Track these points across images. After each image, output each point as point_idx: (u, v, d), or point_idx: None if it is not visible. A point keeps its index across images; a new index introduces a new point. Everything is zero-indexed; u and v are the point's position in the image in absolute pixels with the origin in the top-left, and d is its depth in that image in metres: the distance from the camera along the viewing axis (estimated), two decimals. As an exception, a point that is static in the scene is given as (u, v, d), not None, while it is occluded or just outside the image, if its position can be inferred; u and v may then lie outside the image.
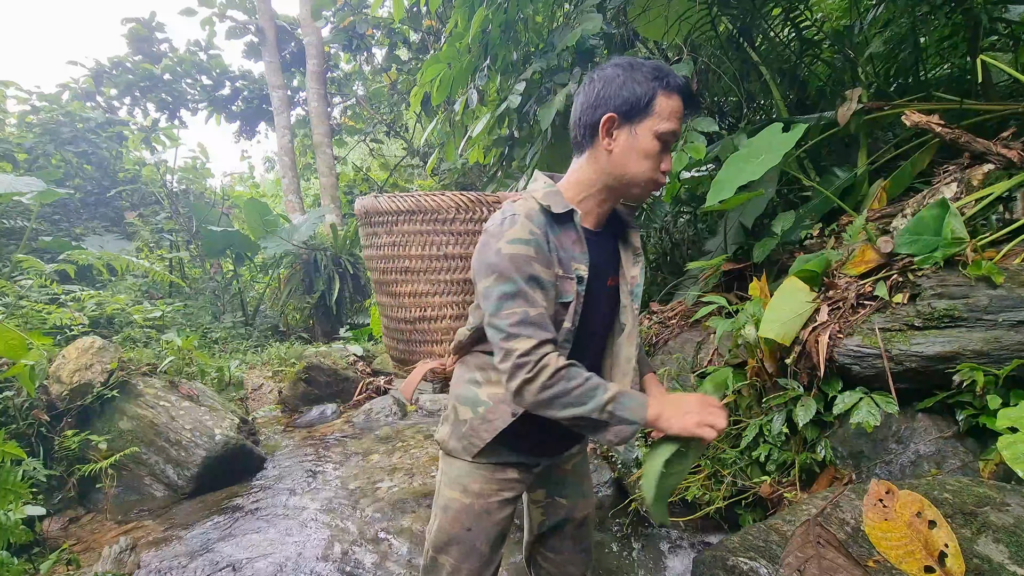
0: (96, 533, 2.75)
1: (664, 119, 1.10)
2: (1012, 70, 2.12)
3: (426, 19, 6.87)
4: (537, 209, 1.13)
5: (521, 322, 1.07)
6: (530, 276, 1.08)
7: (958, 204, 1.91)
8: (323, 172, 9.12)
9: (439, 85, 3.29)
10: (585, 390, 1.06)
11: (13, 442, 2.30)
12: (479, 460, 1.24)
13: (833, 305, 1.93)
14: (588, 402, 1.06)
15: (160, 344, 4.34)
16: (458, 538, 1.25)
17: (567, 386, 1.06)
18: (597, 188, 1.18)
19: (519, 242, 1.08)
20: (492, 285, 1.09)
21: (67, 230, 6.94)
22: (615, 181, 1.16)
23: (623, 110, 1.10)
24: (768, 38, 3.25)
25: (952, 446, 1.61)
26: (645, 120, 1.10)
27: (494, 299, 1.09)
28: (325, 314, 7.45)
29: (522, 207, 1.13)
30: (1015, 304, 1.59)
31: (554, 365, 1.06)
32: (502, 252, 1.08)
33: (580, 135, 1.17)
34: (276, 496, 2.95)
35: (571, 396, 1.06)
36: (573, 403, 1.06)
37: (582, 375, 1.07)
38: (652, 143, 1.11)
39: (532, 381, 1.06)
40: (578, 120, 1.17)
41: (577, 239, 1.17)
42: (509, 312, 1.07)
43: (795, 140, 2.05)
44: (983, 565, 1.07)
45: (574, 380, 1.06)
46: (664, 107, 1.10)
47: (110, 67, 9.12)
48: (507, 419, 1.19)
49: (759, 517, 1.95)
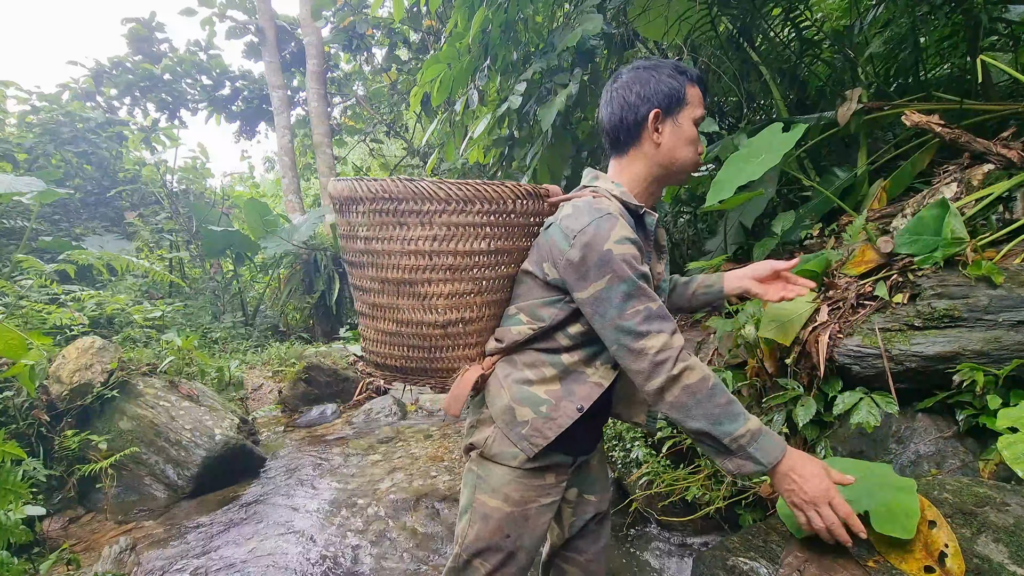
0: (96, 533, 2.75)
1: (696, 106, 1.22)
2: (1012, 70, 2.12)
3: (426, 19, 6.87)
4: (619, 207, 1.18)
5: (648, 318, 1.07)
6: (642, 274, 1.10)
7: (958, 204, 1.91)
8: (323, 172, 9.12)
9: (439, 85, 3.29)
10: (726, 413, 1.05)
11: (13, 442, 2.30)
12: (528, 465, 1.20)
13: (833, 305, 1.93)
14: (725, 424, 1.04)
15: (160, 344, 4.34)
16: (498, 545, 1.22)
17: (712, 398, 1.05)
18: (648, 181, 1.25)
19: (627, 241, 1.09)
20: (608, 287, 1.08)
21: (67, 230, 6.94)
22: (665, 171, 1.23)
23: (664, 104, 1.20)
24: (768, 38, 3.25)
25: (952, 446, 1.61)
26: (683, 110, 1.21)
27: (616, 301, 1.08)
28: (325, 314, 7.45)
29: (612, 206, 1.15)
30: (1015, 304, 1.59)
31: (700, 369, 1.05)
32: (613, 253, 1.08)
33: (623, 136, 1.23)
34: (276, 496, 2.95)
35: (710, 410, 1.05)
36: (709, 418, 1.05)
37: (726, 392, 1.06)
38: (692, 129, 1.22)
39: (677, 380, 1.05)
40: (620, 122, 1.22)
41: (646, 239, 1.22)
42: (634, 311, 1.07)
43: (795, 140, 2.05)
44: (983, 565, 1.07)
45: (718, 396, 1.05)
46: (694, 96, 1.22)
47: (110, 67, 9.12)
48: (573, 415, 1.18)
49: (759, 517, 1.95)
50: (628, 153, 1.24)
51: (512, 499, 1.21)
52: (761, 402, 2.07)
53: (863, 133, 2.48)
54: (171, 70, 9.76)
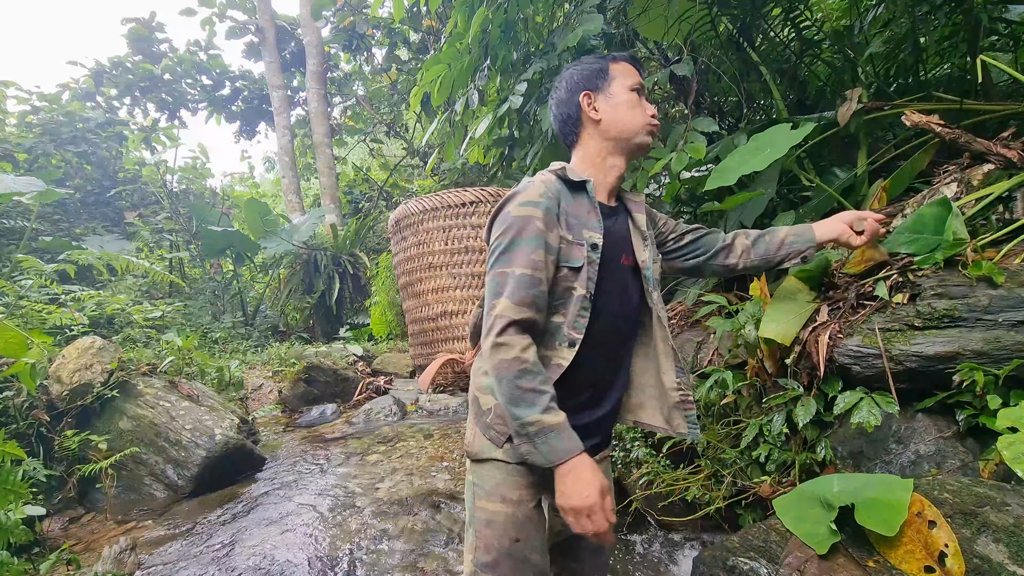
0: (96, 533, 2.75)
1: (626, 76, 1.29)
2: (1012, 70, 2.12)
3: (426, 19, 6.87)
4: (553, 179, 1.23)
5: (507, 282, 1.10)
6: (532, 236, 1.12)
7: (958, 204, 1.91)
8: (323, 172, 9.12)
9: (439, 85, 3.29)
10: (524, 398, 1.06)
11: (13, 442, 2.30)
12: (514, 459, 1.17)
13: (833, 305, 1.93)
14: (520, 407, 1.06)
15: (160, 344, 4.34)
16: (509, 551, 1.16)
17: (519, 379, 1.06)
18: (603, 156, 1.29)
19: (528, 204, 1.15)
20: (496, 241, 1.14)
21: (67, 230, 6.94)
22: (615, 140, 1.28)
23: (591, 85, 1.28)
24: (768, 38, 3.25)
25: (952, 446, 1.61)
26: (612, 82, 1.28)
27: (495, 256, 1.13)
28: (325, 314, 7.45)
29: (538, 177, 1.22)
30: (1015, 304, 1.59)
31: (518, 350, 1.07)
32: (511, 213, 1.15)
33: (569, 129, 1.32)
34: (276, 496, 2.95)
35: (511, 390, 1.07)
36: (507, 397, 1.07)
37: (535, 382, 1.07)
38: (629, 95, 1.28)
39: (497, 349, 1.08)
40: (564, 118, 1.32)
41: (591, 209, 1.23)
42: (501, 272, 1.12)
43: (802, 137, 2.04)
44: (983, 565, 1.07)
45: (523, 380, 1.06)
46: (619, 69, 1.29)
47: (110, 67, 9.12)
48: None
49: (759, 517, 1.95)
50: (580, 140, 1.31)
51: (511, 499, 1.17)
52: (761, 402, 2.07)
53: (863, 133, 2.48)
54: (171, 70, 9.76)
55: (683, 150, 2.44)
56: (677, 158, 2.42)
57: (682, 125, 2.55)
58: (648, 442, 2.43)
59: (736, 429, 2.13)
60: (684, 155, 2.41)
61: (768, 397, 2.00)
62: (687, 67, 2.54)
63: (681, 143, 2.47)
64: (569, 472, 1.05)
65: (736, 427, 2.14)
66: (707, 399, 2.19)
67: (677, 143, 2.49)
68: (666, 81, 2.85)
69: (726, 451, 2.11)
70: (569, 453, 1.06)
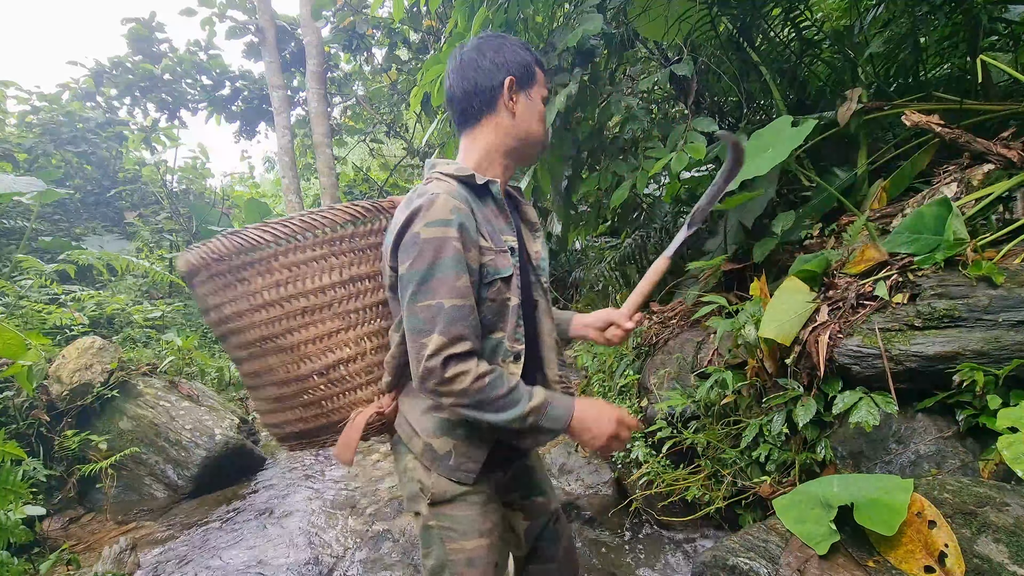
0: (96, 533, 2.75)
1: (542, 86, 1.19)
2: (1012, 70, 2.12)
3: (426, 19, 6.87)
4: (456, 186, 1.08)
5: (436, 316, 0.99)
6: (451, 260, 1.00)
7: (958, 204, 1.91)
8: (323, 172, 9.11)
9: (439, 85, 3.29)
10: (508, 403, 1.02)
11: (13, 442, 2.30)
12: (479, 488, 1.14)
13: (833, 305, 1.93)
14: (511, 411, 1.02)
15: (160, 344, 4.34)
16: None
17: (492, 392, 1.01)
18: (502, 153, 1.17)
19: (439, 223, 1.01)
20: (408, 271, 1.02)
21: (67, 230, 6.94)
22: (519, 143, 1.17)
23: (519, 74, 1.15)
24: (768, 38, 3.25)
25: (952, 446, 1.61)
26: (534, 86, 1.17)
27: (411, 287, 1.01)
28: (325, 314, 7.44)
29: (439, 186, 1.05)
30: (1015, 304, 1.59)
31: (473, 370, 1.00)
32: (421, 236, 1.00)
33: (477, 103, 1.14)
34: (276, 496, 2.95)
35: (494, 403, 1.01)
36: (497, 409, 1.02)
37: (504, 381, 1.03)
38: (542, 106, 1.19)
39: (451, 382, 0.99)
40: (474, 87, 1.13)
41: (499, 210, 1.16)
42: (424, 305, 1.00)
43: (804, 135, 2.04)
44: (983, 565, 1.07)
45: (498, 386, 1.02)
46: (540, 75, 1.19)
47: (110, 67, 9.11)
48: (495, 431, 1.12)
49: (759, 517, 1.95)
50: (481, 123, 1.15)
51: (485, 530, 1.14)
52: (761, 402, 2.07)
53: (863, 133, 2.48)
54: (171, 70, 9.75)
55: (683, 150, 2.44)
56: (677, 158, 2.42)
57: (682, 125, 2.55)
58: (648, 442, 2.43)
59: (736, 429, 2.13)
60: (684, 155, 2.41)
61: (768, 397, 2.00)
62: (687, 67, 2.54)
63: (681, 143, 2.47)
64: (578, 426, 1.08)
65: (736, 427, 2.14)
66: (707, 399, 2.19)
67: (677, 143, 2.49)
68: (666, 81, 2.85)
69: (726, 451, 2.11)
70: (570, 411, 1.07)
